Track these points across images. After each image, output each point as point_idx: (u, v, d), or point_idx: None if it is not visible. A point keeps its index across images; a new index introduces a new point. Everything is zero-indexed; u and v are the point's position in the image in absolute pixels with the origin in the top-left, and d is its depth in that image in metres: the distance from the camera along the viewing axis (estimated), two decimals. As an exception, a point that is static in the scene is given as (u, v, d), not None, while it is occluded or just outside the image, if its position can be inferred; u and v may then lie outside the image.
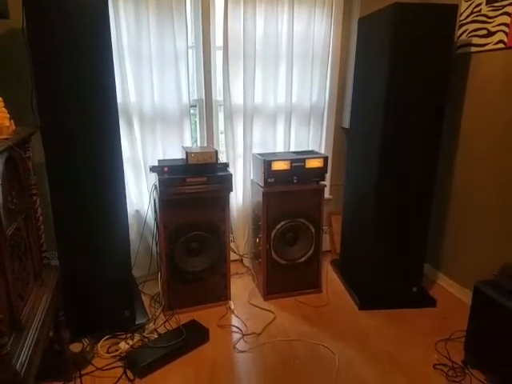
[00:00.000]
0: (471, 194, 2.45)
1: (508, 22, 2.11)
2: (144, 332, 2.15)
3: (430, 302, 2.48)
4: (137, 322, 2.20)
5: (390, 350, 2.07)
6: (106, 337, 2.09)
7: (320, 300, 2.54)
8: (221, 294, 2.45)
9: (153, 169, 2.26)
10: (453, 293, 2.61)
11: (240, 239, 3.01)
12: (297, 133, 2.94)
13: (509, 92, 2.15)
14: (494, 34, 2.21)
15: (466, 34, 2.41)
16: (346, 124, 2.90)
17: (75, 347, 1.91)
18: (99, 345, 2.04)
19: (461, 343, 2.00)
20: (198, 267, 2.36)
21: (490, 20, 2.23)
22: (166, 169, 2.25)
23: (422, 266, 2.49)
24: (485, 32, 2.27)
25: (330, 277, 2.83)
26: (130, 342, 2.05)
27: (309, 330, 2.24)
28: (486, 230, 2.35)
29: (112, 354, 1.99)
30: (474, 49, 2.35)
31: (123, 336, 2.10)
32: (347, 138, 2.95)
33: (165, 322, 2.26)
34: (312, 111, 2.92)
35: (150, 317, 2.29)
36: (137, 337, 2.10)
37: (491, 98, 2.27)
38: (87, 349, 1.94)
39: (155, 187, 2.29)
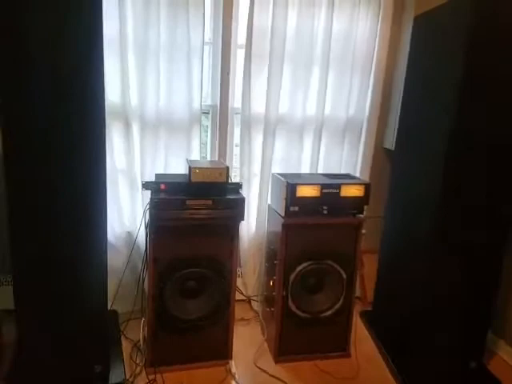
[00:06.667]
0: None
1: None
2: (117, 398, 1.66)
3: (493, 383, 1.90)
4: (111, 383, 1.71)
5: None
6: (65, 402, 1.60)
7: (348, 368, 1.98)
8: (220, 351, 1.93)
9: (146, 185, 1.81)
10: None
11: (249, 275, 2.50)
12: (327, 151, 2.48)
13: None
14: None
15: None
16: (390, 145, 2.44)
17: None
18: (53, 414, 1.55)
19: None
20: (194, 314, 1.85)
21: None
22: (162, 186, 1.80)
23: (484, 334, 1.92)
24: None
25: (360, 334, 2.25)
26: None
27: (332, 412, 1.68)
28: None
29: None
30: None
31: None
32: (391, 161, 2.47)
33: (145, 385, 1.76)
34: (348, 127, 2.46)
35: (128, 376, 1.79)
36: (106, 405, 1.60)
37: None
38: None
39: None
